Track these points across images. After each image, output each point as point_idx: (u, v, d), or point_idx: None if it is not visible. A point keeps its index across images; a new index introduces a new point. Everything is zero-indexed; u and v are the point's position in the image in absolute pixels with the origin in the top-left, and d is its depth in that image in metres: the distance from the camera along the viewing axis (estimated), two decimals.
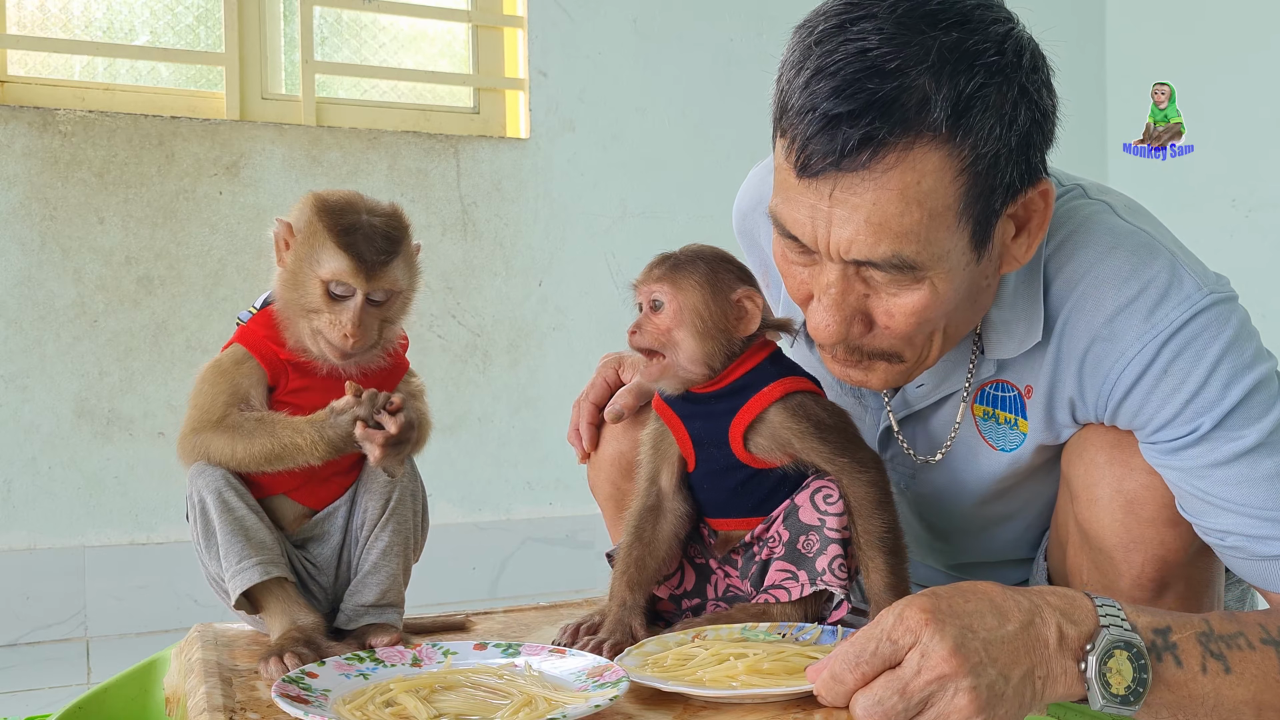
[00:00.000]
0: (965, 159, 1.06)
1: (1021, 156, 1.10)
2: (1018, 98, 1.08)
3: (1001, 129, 1.07)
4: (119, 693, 1.34)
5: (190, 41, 3.05)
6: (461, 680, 1.08)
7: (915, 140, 1.04)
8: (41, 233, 2.75)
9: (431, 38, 3.35)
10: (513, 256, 3.24)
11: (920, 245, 1.08)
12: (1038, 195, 1.15)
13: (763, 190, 1.53)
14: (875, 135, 1.03)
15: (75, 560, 2.76)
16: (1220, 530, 1.18)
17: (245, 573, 1.20)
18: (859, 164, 1.05)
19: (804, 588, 1.24)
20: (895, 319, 1.14)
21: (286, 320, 1.26)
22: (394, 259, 1.24)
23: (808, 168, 1.07)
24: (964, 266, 1.12)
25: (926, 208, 1.06)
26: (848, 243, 1.08)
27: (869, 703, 0.96)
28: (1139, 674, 1.00)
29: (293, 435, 1.22)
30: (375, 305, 1.24)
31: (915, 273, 1.10)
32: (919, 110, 1.04)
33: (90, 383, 2.79)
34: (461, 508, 3.16)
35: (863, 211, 1.06)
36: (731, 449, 1.27)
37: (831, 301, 1.13)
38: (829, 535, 1.24)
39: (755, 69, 3.49)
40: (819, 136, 1.05)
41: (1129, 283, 1.19)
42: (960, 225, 1.09)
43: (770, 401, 1.26)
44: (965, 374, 1.31)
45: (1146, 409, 1.19)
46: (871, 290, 1.13)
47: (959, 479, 1.38)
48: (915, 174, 1.05)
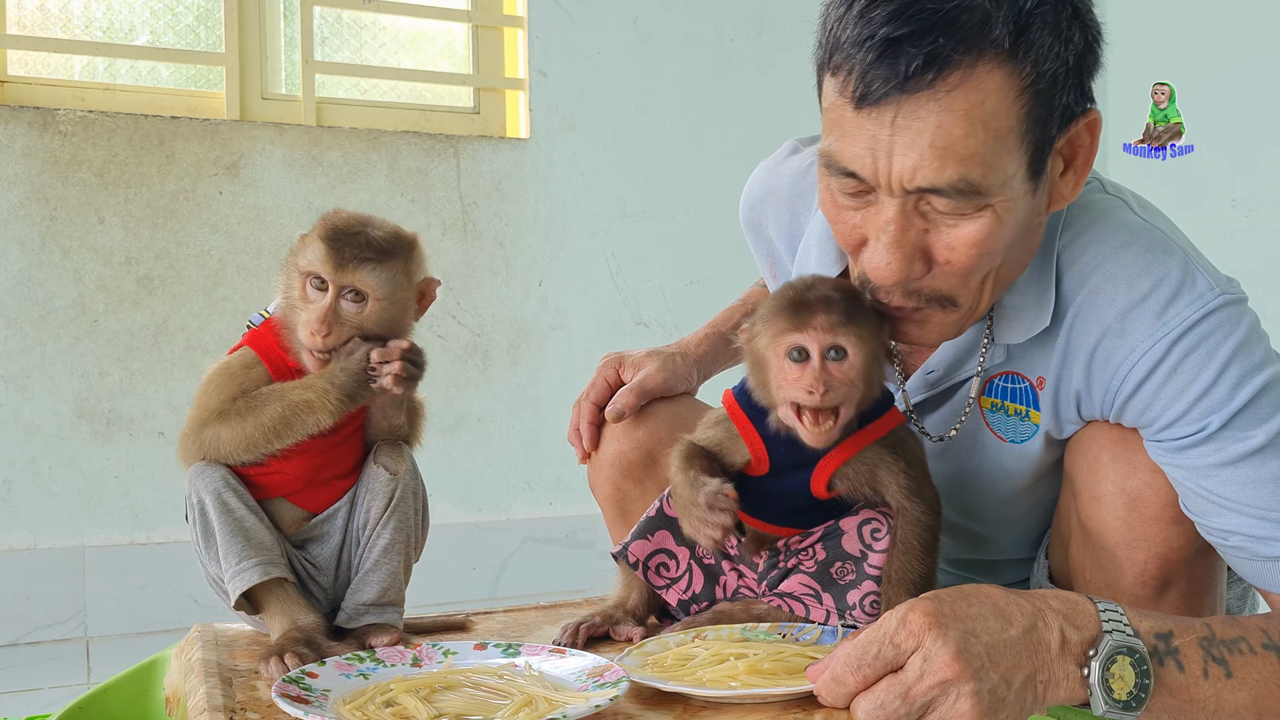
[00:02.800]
0: (1027, 77, 1.06)
1: (1076, 78, 1.10)
2: (1072, 16, 1.08)
3: (1060, 47, 1.07)
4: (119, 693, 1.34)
5: (190, 41, 3.05)
6: (462, 680, 1.08)
7: (979, 58, 1.03)
8: (41, 233, 2.75)
9: (431, 38, 3.35)
10: (513, 256, 3.24)
11: (985, 168, 1.06)
12: (1084, 128, 1.14)
13: (771, 182, 1.53)
14: (940, 54, 1.02)
15: (75, 560, 2.76)
16: (1224, 530, 1.18)
17: (245, 573, 1.20)
18: (923, 84, 1.03)
19: (829, 615, 1.23)
20: (957, 251, 1.11)
21: (286, 330, 1.26)
22: (371, 261, 1.22)
23: (868, 96, 1.05)
24: (1022, 196, 1.11)
25: (991, 128, 1.05)
26: (912, 169, 1.06)
27: (871, 706, 0.96)
28: (1141, 679, 1.00)
29: (302, 392, 1.21)
30: (352, 306, 1.22)
31: (979, 199, 1.08)
32: (981, 28, 1.03)
33: (90, 383, 2.79)
34: (461, 508, 3.16)
35: (927, 135, 1.04)
36: (812, 482, 1.22)
37: (891, 239, 1.10)
38: (868, 571, 1.22)
39: (755, 69, 3.49)
40: (880, 62, 1.04)
41: (1142, 279, 1.18)
42: (1020, 149, 1.08)
43: (876, 438, 1.21)
44: (977, 360, 1.31)
45: (1154, 406, 1.19)
46: (931, 225, 1.11)
47: (969, 469, 1.38)
48: (979, 93, 1.04)
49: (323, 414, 1.21)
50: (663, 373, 1.54)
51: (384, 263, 1.23)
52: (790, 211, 1.48)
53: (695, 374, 1.61)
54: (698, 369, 1.61)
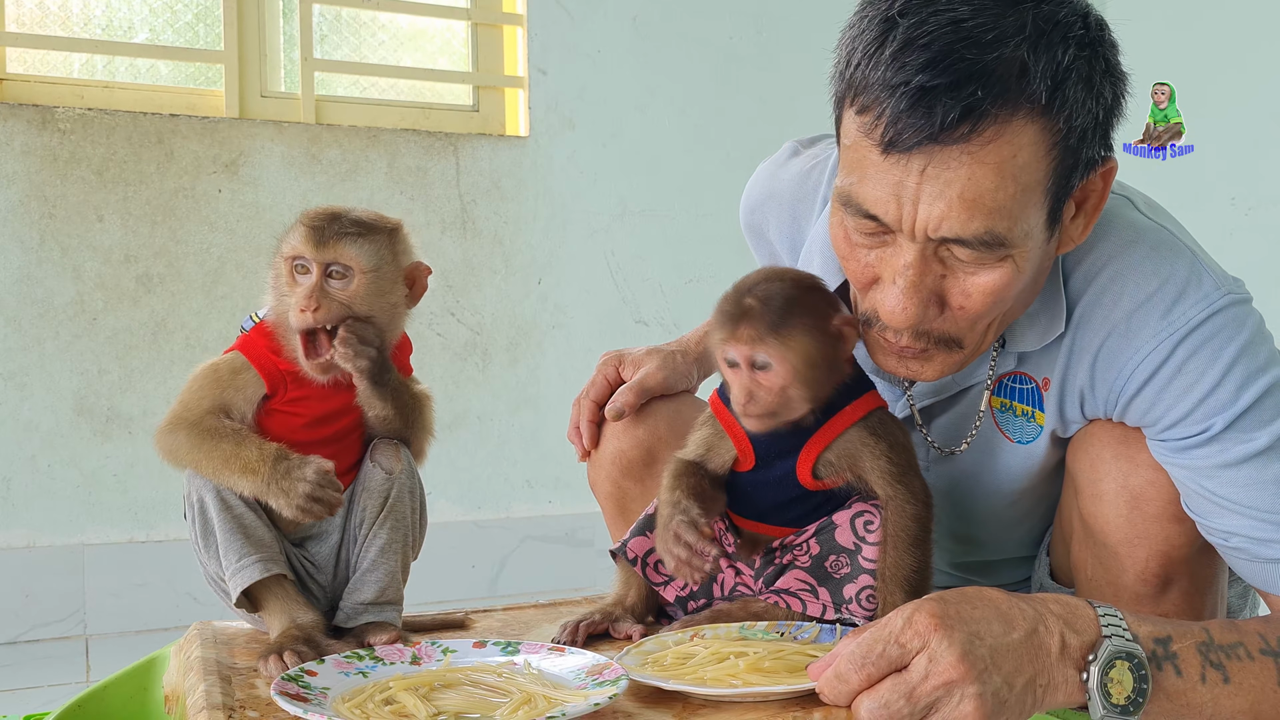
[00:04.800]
0: (1059, 132, 1.04)
1: (1103, 131, 1.10)
2: (1104, 72, 1.08)
3: (1091, 103, 1.06)
4: (118, 690, 1.34)
5: (189, 39, 3.04)
6: (461, 678, 1.08)
7: (1015, 112, 1.02)
8: (40, 231, 2.75)
9: (431, 35, 3.34)
10: (512, 255, 3.23)
11: (1011, 221, 1.05)
12: (1100, 175, 1.14)
13: (772, 185, 1.52)
14: (976, 107, 1.00)
15: (74, 558, 2.76)
16: (1225, 531, 1.18)
17: (245, 570, 1.20)
18: (957, 137, 1.01)
19: (825, 609, 1.23)
20: (972, 299, 1.10)
21: (280, 330, 1.26)
22: (351, 235, 1.22)
23: (898, 143, 1.03)
24: (1040, 245, 1.11)
25: (1021, 182, 1.04)
26: (939, 219, 1.04)
27: (875, 705, 0.96)
28: (1139, 684, 1.00)
29: (253, 450, 1.20)
30: (338, 283, 1.22)
31: (1001, 250, 1.07)
32: (1019, 81, 1.01)
33: (89, 381, 2.79)
34: (461, 506, 3.16)
35: (956, 187, 1.03)
36: (797, 470, 1.23)
37: (909, 283, 1.09)
38: (863, 564, 1.22)
39: (755, 67, 3.49)
40: (914, 111, 1.01)
41: (1148, 279, 1.18)
42: (1044, 201, 1.07)
43: (853, 421, 1.22)
44: (987, 367, 1.30)
45: (1158, 406, 1.18)
46: (948, 270, 1.10)
47: (977, 473, 1.37)
48: (1013, 147, 1.03)
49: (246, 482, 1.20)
50: (663, 371, 1.54)
51: (365, 236, 1.23)
52: (791, 216, 1.47)
53: (695, 372, 1.61)
54: (698, 367, 1.61)
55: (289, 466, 1.19)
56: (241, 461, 1.20)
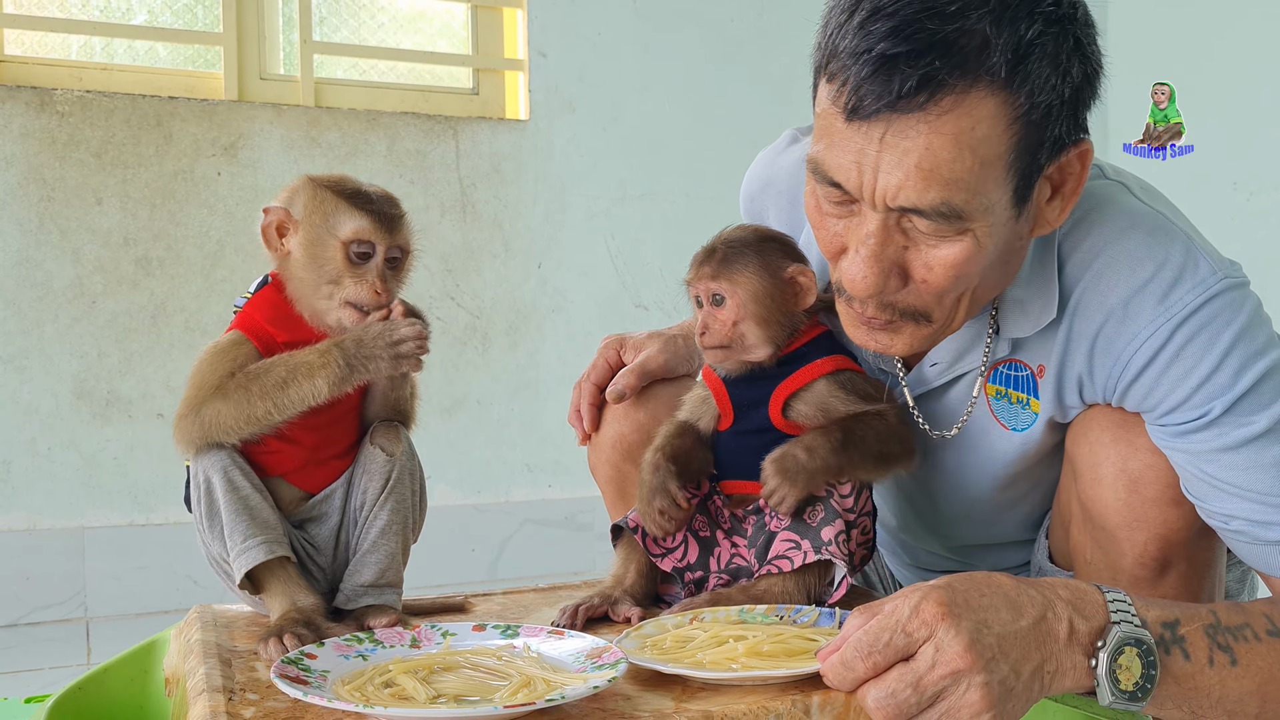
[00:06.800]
0: (1020, 107, 1.05)
1: (1071, 110, 1.10)
2: (1073, 49, 1.08)
3: (1056, 80, 1.06)
4: (118, 673, 1.34)
5: (188, 21, 3.03)
6: (460, 661, 1.08)
7: (973, 84, 1.03)
8: (39, 213, 2.74)
9: (430, 18, 3.33)
10: (512, 238, 3.23)
11: (969, 194, 1.06)
12: (1075, 157, 1.14)
13: (770, 173, 1.52)
14: (934, 76, 1.02)
15: (75, 541, 2.77)
16: (1225, 514, 1.18)
17: (250, 551, 1.20)
18: (915, 105, 1.02)
19: (806, 556, 1.25)
20: (934, 272, 1.11)
21: (302, 302, 1.26)
22: (406, 219, 1.28)
23: (859, 110, 1.05)
24: (1005, 222, 1.11)
25: (979, 155, 1.05)
26: (896, 188, 1.06)
27: (881, 694, 0.96)
28: (1147, 670, 1.00)
29: (307, 355, 1.21)
30: (391, 266, 1.26)
31: (960, 223, 1.08)
32: (979, 54, 1.02)
33: (89, 364, 2.79)
34: (460, 490, 3.16)
35: (914, 156, 1.04)
36: (769, 412, 1.29)
37: (870, 252, 1.10)
38: (835, 507, 1.26)
39: (755, 50, 3.48)
40: (874, 77, 1.03)
41: (1144, 264, 1.18)
42: (1007, 177, 1.08)
43: (821, 374, 1.29)
44: (981, 353, 1.30)
45: (1157, 391, 1.18)
46: (911, 242, 1.11)
47: (971, 458, 1.38)
48: (970, 119, 1.04)
49: (320, 379, 1.20)
50: (664, 354, 1.54)
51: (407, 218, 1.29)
52: (790, 203, 1.47)
53: (696, 356, 1.61)
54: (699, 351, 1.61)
55: (357, 337, 1.21)
56: (305, 368, 1.20)
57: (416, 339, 1.22)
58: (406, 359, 1.22)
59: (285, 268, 1.27)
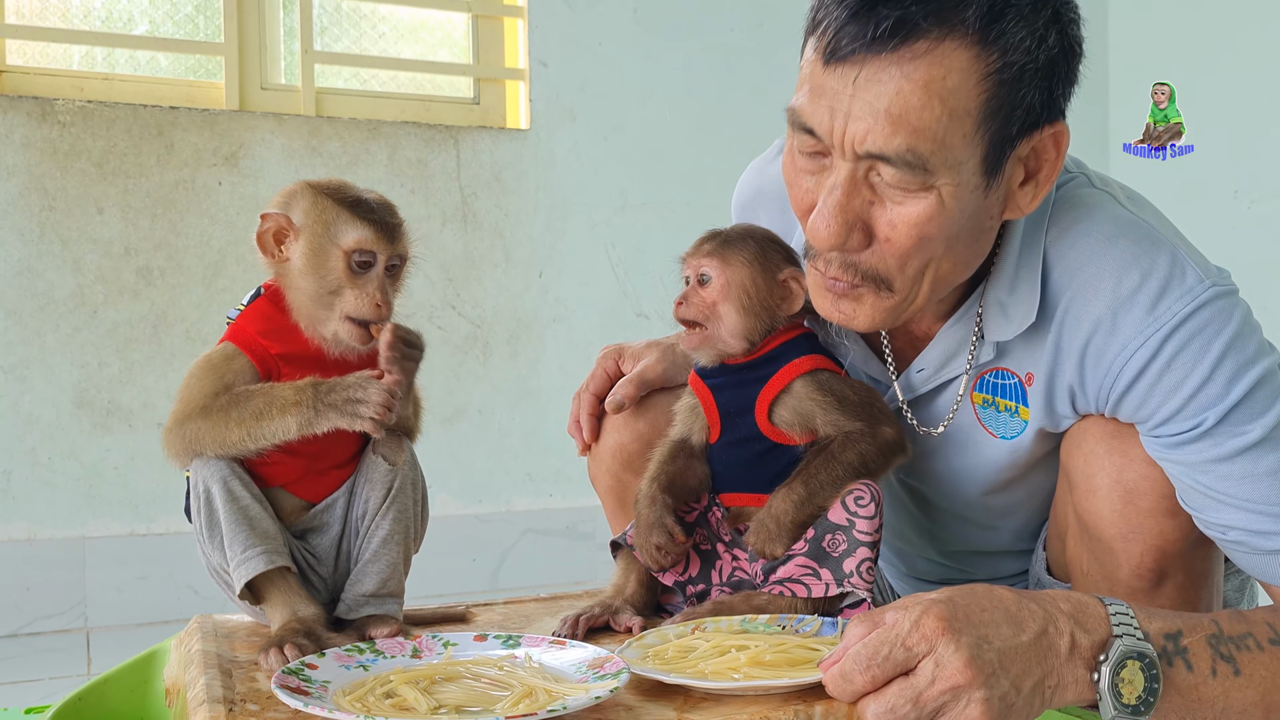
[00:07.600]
0: (993, 64, 1.08)
1: (1045, 81, 1.11)
2: (1050, 19, 1.10)
3: (1031, 43, 1.09)
4: (119, 684, 1.34)
5: (189, 31, 3.04)
6: (461, 672, 1.08)
7: (948, 34, 1.06)
8: (41, 223, 2.75)
9: (431, 28, 3.34)
10: (513, 247, 3.23)
11: (935, 145, 1.08)
12: (1050, 140, 1.15)
13: (761, 181, 1.53)
14: (909, 19, 1.05)
15: (75, 551, 2.76)
16: (1222, 525, 1.18)
17: (250, 562, 1.20)
18: (888, 47, 1.06)
19: (828, 587, 1.24)
20: (898, 230, 1.12)
21: (301, 310, 1.26)
22: (404, 228, 1.28)
23: (837, 52, 1.08)
24: (972, 189, 1.12)
25: (948, 106, 1.07)
26: (864, 133, 1.08)
27: (881, 709, 0.95)
28: (1150, 684, 1.00)
29: (284, 390, 1.20)
30: (390, 274, 1.26)
31: (925, 175, 1.09)
32: (956, 5, 1.06)
33: (90, 373, 2.79)
34: (462, 499, 3.16)
35: (884, 100, 1.07)
36: (756, 419, 1.29)
37: (836, 202, 1.12)
38: (858, 538, 1.24)
39: (756, 59, 3.48)
40: (853, 20, 1.07)
41: (1130, 273, 1.18)
42: (976, 137, 1.09)
43: (799, 373, 1.29)
44: (966, 358, 1.30)
45: (1149, 403, 1.18)
46: (877, 198, 1.12)
47: (960, 463, 1.38)
48: (942, 68, 1.06)
49: (291, 417, 1.19)
50: (663, 364, 1.54)
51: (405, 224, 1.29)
52: (781, 211, 1.47)
53: None
54: None
55: (332, 385, 1.20)
56: (279, 403, 1.20)
57: (379, 405, 1.19)
58: (363, 420, 1.20)
59: (283, 275, 1.26)
